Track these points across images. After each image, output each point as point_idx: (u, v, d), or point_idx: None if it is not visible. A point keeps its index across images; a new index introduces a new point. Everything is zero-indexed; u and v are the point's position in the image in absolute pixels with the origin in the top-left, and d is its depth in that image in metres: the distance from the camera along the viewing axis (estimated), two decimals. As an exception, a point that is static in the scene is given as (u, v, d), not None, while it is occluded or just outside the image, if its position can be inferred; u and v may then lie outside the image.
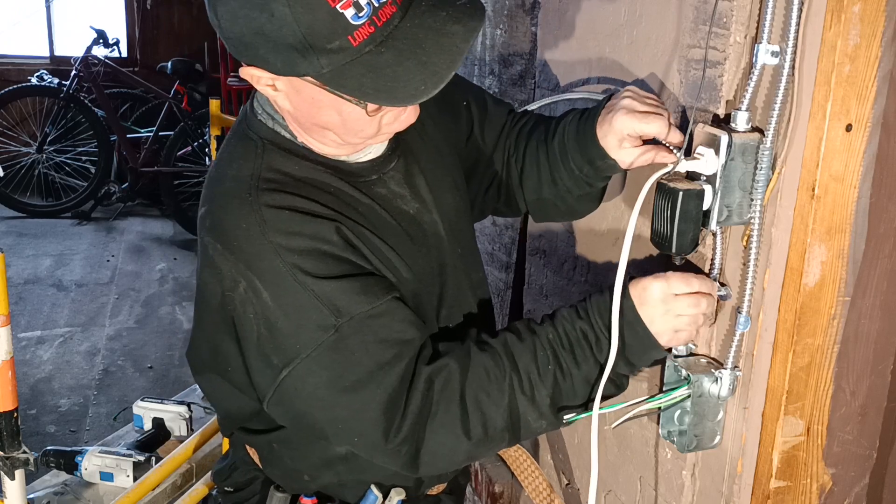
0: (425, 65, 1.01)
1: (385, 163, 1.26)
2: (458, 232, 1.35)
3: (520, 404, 1.16)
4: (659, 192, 1.18)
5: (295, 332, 1.13)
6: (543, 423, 1.19)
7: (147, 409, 2.93)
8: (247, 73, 1.10)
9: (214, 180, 1.22)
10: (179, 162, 6.12)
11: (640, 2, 1.38)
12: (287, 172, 1.18)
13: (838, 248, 1.14)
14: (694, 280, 1.16)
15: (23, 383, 3.99)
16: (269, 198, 1.14)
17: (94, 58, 6.19)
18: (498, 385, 1.16)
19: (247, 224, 1.13)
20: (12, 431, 1.76)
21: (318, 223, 1.14)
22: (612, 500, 1.58)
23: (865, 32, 1.06)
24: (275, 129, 1.21)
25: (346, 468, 1.33)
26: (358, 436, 1.17)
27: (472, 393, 1.15)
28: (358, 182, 1.22)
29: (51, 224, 6.27)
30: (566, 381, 1.16)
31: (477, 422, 1.15)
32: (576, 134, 1.31)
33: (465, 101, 1.43)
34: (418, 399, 1.14)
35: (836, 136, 1.09)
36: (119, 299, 5.07)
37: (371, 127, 1.12)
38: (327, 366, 1.13)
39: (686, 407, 1.25)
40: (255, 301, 1.13)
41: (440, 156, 1.36)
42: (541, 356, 1.16)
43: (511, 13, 2.20)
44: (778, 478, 1.22)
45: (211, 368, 1.29)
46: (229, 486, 1.46)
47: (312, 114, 1.12)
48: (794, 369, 1.17)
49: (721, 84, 1.20)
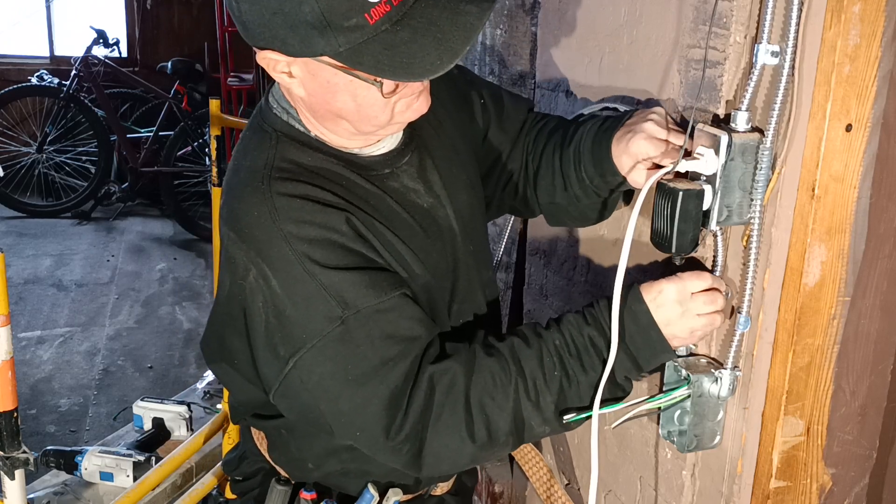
0: (440, 41, 1.03)
1: (398, 157, 1.27)
2: (472, 230, 1.36)
3: (524, 409, 1.16)
4: (659, 192, 1.18)
5: (302, 321, 1.14)
6: (547, 428, 1.19)
7: (147, 409, 2.93)
8: (263, 58, 1.11)
9: (231, 172, 1.25)
10: (179, 162, 6.12)
11: (641, 2, 1.38)
12: (300, 163, 1.19)
13: (838, 248, 1.14)
14: (707, 275, 1.17)
15: (23, 383, 3.99)
16: (282, 186, 1.16)
17: (94, 58, 6.19)
18: (503, 390, 1.15)
19: (258, 212, 1.15)
20: (12, 431, 1.76)
21: (328, 212, 1.15)
22: (612, 500, 1.58)
23: (865, 32, 1.06)
24: (289, 122, 1.23)
25: (350, 457, 1.33)
26: (360, 430, 1.17)
27: (477, 396, 1.15)
28: (370, 175, 1.23)
29: (51, 224, 6.27)
30: (572, 388, 1.16)
31: (482, 425, 1.15)
32: (591, 145, 1.31)
33: (482, 99, 1.43)
34: (421, 398, 1.14)
35: (836, 136, 1.09)
36: (119, 299, 5.07)
37: (384, 113, 1.13)
38: (332, 357, 1.14)
39: (686, 407, 1.25)
40: (265, 288, 1.14)
41: (456, 153, 1.37)
42: (547, 362, 1.16)
43: (511, 13, 2.20)
44: (778, 478, 1.22)
45: (221, 358, 1.31)
46: (238, 475, 1.49)
47: (327, 99, 1.13)
48: (794, 369, 1.17)
49: (721, 84, 1.20)
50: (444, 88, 1.38)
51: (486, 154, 1.44)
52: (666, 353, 1.17)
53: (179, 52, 6.84)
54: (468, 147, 1.40)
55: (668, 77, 1.32)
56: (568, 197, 1.38)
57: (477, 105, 1.43)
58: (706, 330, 1.17)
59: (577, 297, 1.67)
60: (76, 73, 6.13)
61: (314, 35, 1.03)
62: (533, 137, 1.43)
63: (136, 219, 6.52)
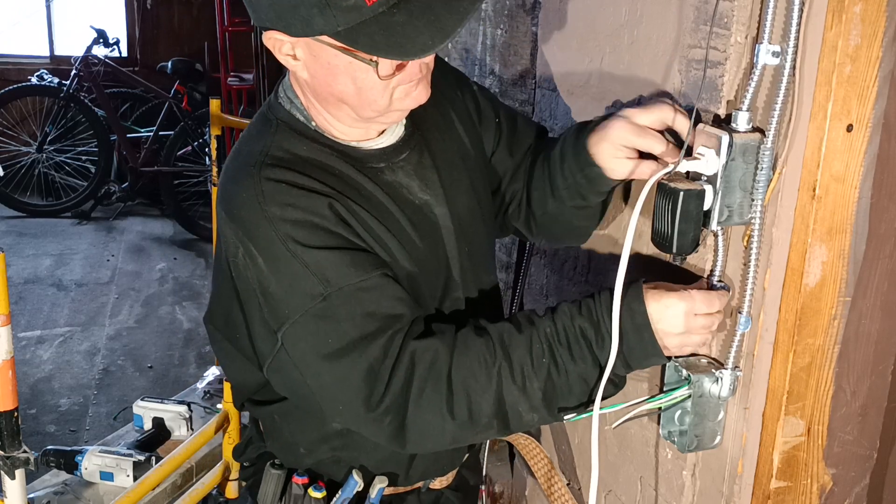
0: (434, 23, 1.08)
1: (395, 153, 1.30)
2: (471, 233, 1.37)
3: (509, 393, 1.17)
4: (660, 193, 1.18)
5: (285, 297, 1.19)
6: (535, 416, 1.20)
7: (147, 408, 2.93)
8: (269, 39, 1.17)
9: (231, 155, 1.30)
10: (179, 162, 6.11)
11: (641, 2, 1.38)
12: (295, 152, 1.24)
13: (839, 249, 1.14)
14: (716, 301, 1.17)
15: (23, 383, 3.98)
16: (271, 172, 1.21)
17: (94, 57, 6.19)
18: (487, 371, 1.17)
19: (247, 195, 1.20)
20: (12, 431, 1.76)
21: (312, 197, 1.20)
22: (612, 500, 1.58)
23: (866, 33, 1.06)
24: (291, 112, 1.28)
25: (341, 444, 1.36)
26: (342, 404, 1.21)
27: (459, 375, 1.17)
28: (365, 167, 1.27)
29: (51, 224, 6.26)
30: (560, 377, 1.17)
31: (462, 404, 1.17)
32: (574, 140, 1.32)
33: (498, 117, 1.46)
34: (402, 373, 1.17)
35: (836, 136, 1.09)
36: (119, 299, 5.07)
37: (383, 98, 1.17)
38: (313, 332, 1.19)
39: (686, 407, 1.25)
40: (252, 266, 1.20)
41: (462, 159, 1.39)
42: (536, 349, 1.18)
43: (511, 13, 2.20)
44: (778, 478, 1.22)
45: (224, 335, 1.35)
46: (245, 461, 1.53)
47: (329, 82, 1.18)
48: (794, 369, 1.17)
49: (722, 84, 1.20)
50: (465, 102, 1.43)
51: (494, 172, 1.47)
52: (657, 358, 1.18)
53: (179, 51, 6.83)
54: (479, 157, 1.43)
55: (669, 77, 1.32)
56: (556, 204, 1.38)
57: (493, 123, 1.46)
58: (695, 348, 1.19)
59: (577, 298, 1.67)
60: (76, 72, 6.13)
61: (315, 14, 1.08)
62: (532, 158, 1.45)
63: (136, 219, 6.51)
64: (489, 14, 2.31)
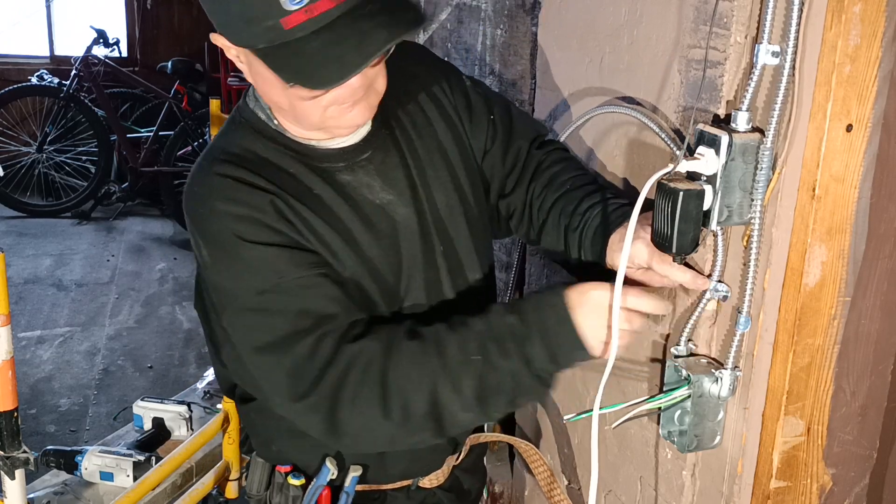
0: (340, 59, 1.08)
1: (356, 152, 1.30)
2: (445, 231, 1.36)
3: (443, 392, 1.18)
4: (659, 192, 1.18)
5: (227, 289, 1.24)
6: (470, 415, 1.20)
7: (147, 408, 2.93)
8: (215, 39, 1.18)
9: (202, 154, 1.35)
10: (179, 162, 6.11)
11: (641, 2, 1.38)
12: (252, 150, 1.27)
13: (839, 249, 1.14)
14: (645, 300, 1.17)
15: (23, 383, 3.99)
16: (221, 167, 1.25)
17: (94, 57, 6.19)
18: (419, 370, 1.18)
19: (199, 189, 1.26)
20: (12, 431, 1.76)
21: (255, 194, 1.23)
22: (612, 500, 1.58)
23: (866, 33, 1.06)
24: (255, 111, 1.30)
25: (306, 443, 1.37)
26: (271, 395, 1.26)
27: (394, 375, 1.18)
28: (320, 168, 1.28)
29: (51, 224, 6.26)
30: (492, 374, 1.18)
31: (397, 404, 1.18)
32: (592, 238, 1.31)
33: (492, 114, 1.45)
34: (335, 373, 1.18)
35: (836, 136, 1.09)
36: (119, 299, 5.07)
37: (315, 115, 1.19)
38: (248, 325, 1.23)
39: (686, 407, 1.25)
40: (201, 258, 1.27)
41: (443, 156, 1.38)
42: (468, 347, 1.19)
43: (511, 13, 2.20)
44: (778, 478, 1.22)
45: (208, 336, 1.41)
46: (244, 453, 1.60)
47: (265, 90, 1.21)
48: (794, 369, 1.17)
49: (721, 84, 1.20)
50: (452, 97, 1.41)
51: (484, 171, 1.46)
52: (581, 352, 1.17)
53: (179, 51, 6.83)
54: (465, 153, 1.41)
55: (669, 77, 1.32)
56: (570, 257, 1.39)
57: (486, 120, 1.44)
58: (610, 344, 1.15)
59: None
60: (76, 72, 6.13)
61: (242, 28, 1.11)
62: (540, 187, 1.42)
63: (136, 219, 6.51)
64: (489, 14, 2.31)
